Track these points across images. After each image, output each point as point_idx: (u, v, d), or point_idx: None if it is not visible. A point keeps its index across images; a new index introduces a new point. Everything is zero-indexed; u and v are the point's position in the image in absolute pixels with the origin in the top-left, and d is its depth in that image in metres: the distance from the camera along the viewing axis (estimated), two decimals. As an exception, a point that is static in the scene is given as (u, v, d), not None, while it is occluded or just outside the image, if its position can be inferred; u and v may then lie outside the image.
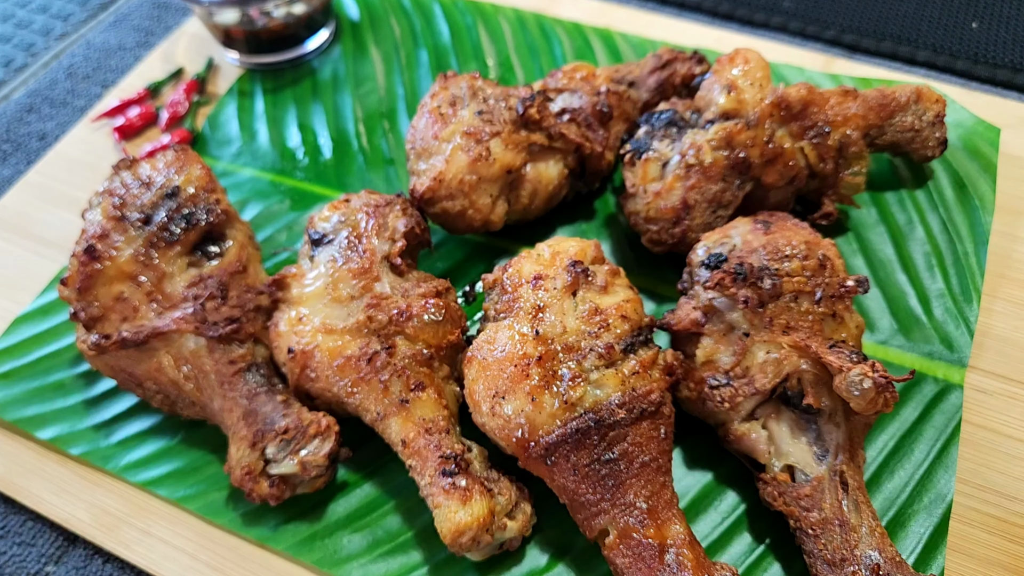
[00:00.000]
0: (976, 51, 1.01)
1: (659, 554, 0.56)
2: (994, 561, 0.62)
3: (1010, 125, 0.89)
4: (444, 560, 0.63)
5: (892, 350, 0.73)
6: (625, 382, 0.58)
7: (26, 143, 1.00)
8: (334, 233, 0.68)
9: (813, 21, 1.07)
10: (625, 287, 0.63)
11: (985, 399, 0.70)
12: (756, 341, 0.61)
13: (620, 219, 0.85)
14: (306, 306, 0.65)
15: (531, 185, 0.76)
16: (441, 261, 0.83)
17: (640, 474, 0.57)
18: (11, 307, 0.82)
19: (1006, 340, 0.73)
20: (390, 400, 0.62)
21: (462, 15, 1.07)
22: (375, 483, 0.68)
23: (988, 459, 0.67)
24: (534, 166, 0.76)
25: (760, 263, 0.61)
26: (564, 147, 0.77)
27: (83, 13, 1.18)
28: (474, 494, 0.58)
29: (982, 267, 0.77)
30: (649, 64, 0.84)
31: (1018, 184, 0.84)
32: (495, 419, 0.59)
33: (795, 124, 0.73)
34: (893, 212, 0.82)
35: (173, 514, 0.67)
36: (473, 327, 0.77)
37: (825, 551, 0.56)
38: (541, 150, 0.76)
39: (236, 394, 0.65)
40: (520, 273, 0.63)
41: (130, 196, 0.70)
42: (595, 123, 0.78)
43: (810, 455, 0.60)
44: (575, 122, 0.77)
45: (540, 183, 0.77)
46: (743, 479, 0.66)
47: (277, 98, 1.00)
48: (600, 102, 0.79)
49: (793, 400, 0.61)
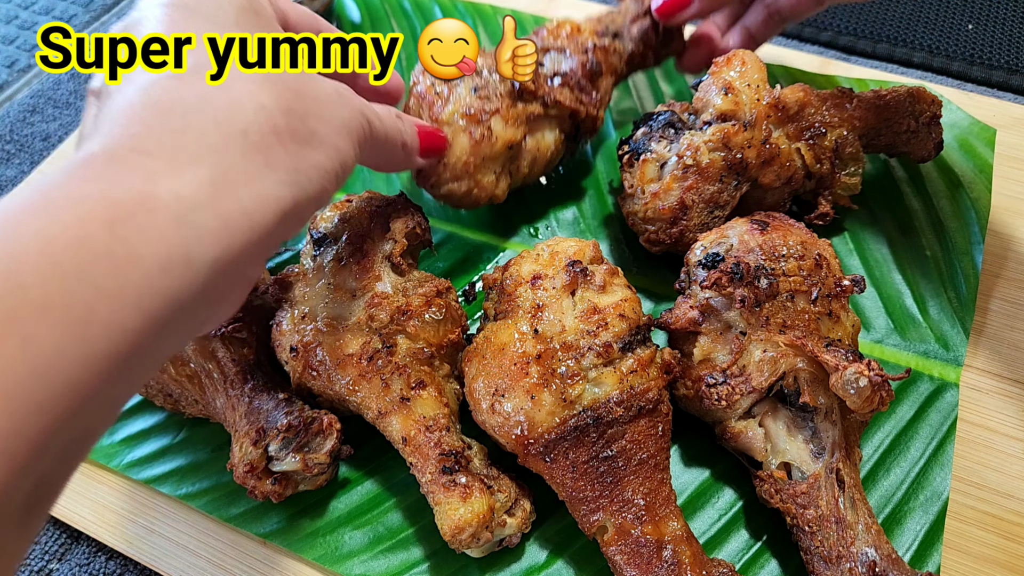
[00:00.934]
0: (972, 53, 1.02)
1: (657, 550, 0.56)
2: (990, 558, 0.62)
3: (1006, 126, 0.89)
4: (444, 556, 0.64)
5: (888, 349, 0.74)
6: (623, 380, 0.59)
7: (30, 144, 1.01)
8: (336, 233, 0.69)
9: (810, 23, 1.07)
10: (623, 286, 0.64)
11: (981, 397, 0.70)
12: (753, 340, 0.61)
13: (618, 219, 0.86)
14: (308, 305, 0.66)
15: (530, 155, 0.77)
16: (441, 261, 0.84)
17: (638, 471, 0.58)
18: (15, 307, 0.83)
19: (1002, 339, 0.74)
20: (391, 398, 0.63)
21: (462, 16, 1.07)
22: (376, 480, 0.69)
23: (984, 457, 0.67)
24: (532, 136, 0.77)
25: (757, 263, 0.62)
26: (559, 113, 0.77)
27: (86, 15, 1.19)
28: (474, 491, 0.59)
29: (978, 267, 0.77)
30: (631, 11, 0.83)
31: (1014, 184, 0.85)
32: (495, 417, 0.59)
33: (792, 125, 0.74)
34: (889, 212, 0.83)
35: (176, 511, 0.68)
36: (473, 326, 0.77)
37: (822, 548, 0.57)
38: (537, 119, 0.77)
39: (239, 392, 0.65)
40: (519, 273, 0.64)
41: None
42: (587, 84, 0.78)
43: (806, 453, 0.60)
44: (568, 86, 0.77)
45: (539, 152, 0.77)
46: (740, 476, 0.67)
47: (279, 100, 1.01)
48: (589, 60, 0.78)
49: (789, 398, 0.61)
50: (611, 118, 0.94)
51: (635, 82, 0.98)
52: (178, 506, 0.68)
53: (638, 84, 0.98)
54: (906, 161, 0.86)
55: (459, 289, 0.79)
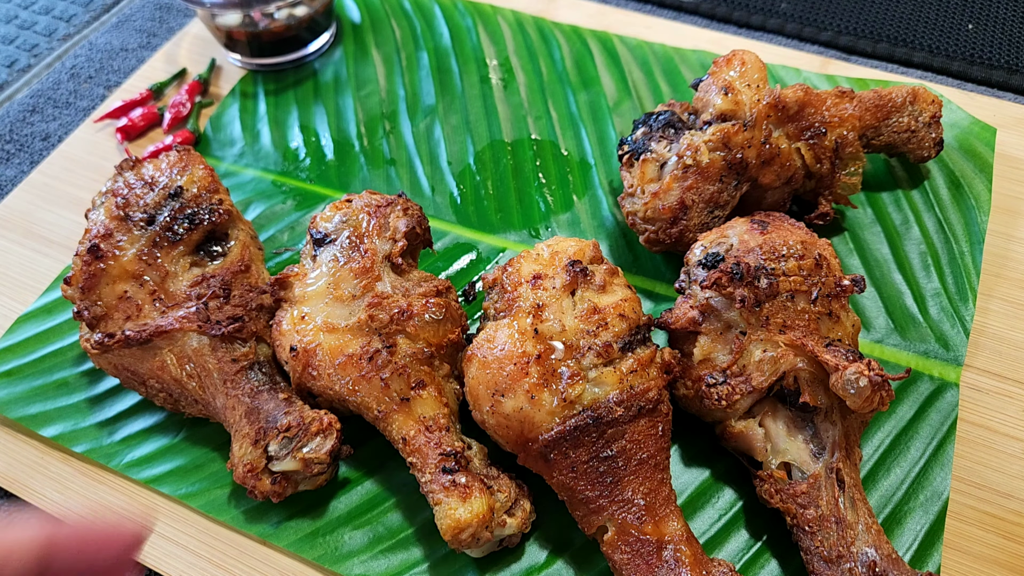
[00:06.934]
0: (972, 52, 1.02)
1: (657, 550, 0.56)
2: (990, 558, 0.62)
3: (1006, 125, 0.89)
4: (444, 556, 0.64)
5: (888, 349, 0.74)
6: (623, 380, 0.59)
7: (29, 144, 1.01)
8: (336, 233, 0.69)
9: (810, 23, 1.07)
10: (623, 286, 0.64)
11: (981, 397, 0.70)
12: (753, 340, 0.61)
13: (618, 219, 0.85)
14: (308, 305, 0.66)
15: None
16: (441, 261, 0.84)
17: (638, 471, 0.58)
18: (16, 307, 0.83)
19: (1002, 339, 0.74)
20: (391, 398, 0.62)
21: (462, 17, 1.07)
22: (376, 480, 0.69)
23: (984, 457, 0.67)
24: None
25: (757, 263, 0.62)
26: None
27: (86, 15, 1.19)
28: (474, 491, 0.59)
29: (978, 266, 0.77)
30: None
31: (1014, 184, 0.85)
32: (495, 416, 0.59)
33: (792, 125, 0.74)
34: (889, 212, 0.83)
35: (176, 511, 0.68)
36: (473, 326, 0.77)
37: (822, 548, 0.57)
38: None
39: (239, 392, 0.65)
40: (519, 272, 0.64)
41: (133, 196, 0.71)
42: None
43: (806, 453, 0.60)
44: None
45: None
46: (740, 476, 0.67)
47: (279, 99, 1.01)
48: None
49: (790, 398, 0.61)
50: (611, 118, 0.94)
51: (634, 81, 0.98)
52: (178, 506, 0.68)
53: (638, 84, 0.98)
54: (906, 161, 0.86)
55: (459, 289, 0.79)
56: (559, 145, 0.93)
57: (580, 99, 0.97)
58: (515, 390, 0.58)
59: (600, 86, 0.98)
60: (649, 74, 0.98)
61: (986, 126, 0.87)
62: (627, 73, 0.99)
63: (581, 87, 0.98)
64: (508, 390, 0.59)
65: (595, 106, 0.96)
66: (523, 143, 0.93)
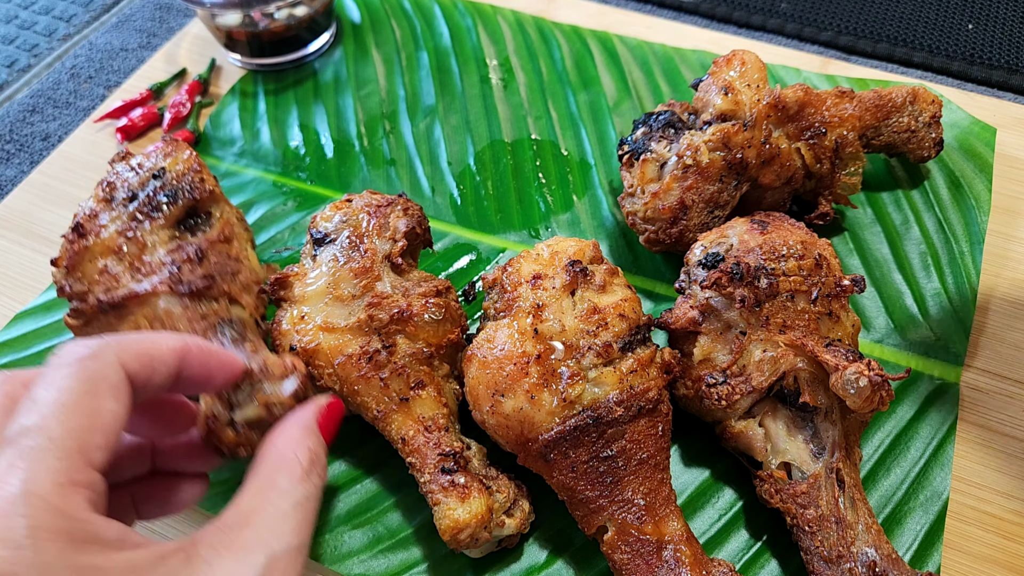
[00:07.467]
0: (972, 52, 1.02)
1: (657, 550, 0.56)
2: (990, 558, 0.62)
3: (1006, 125, 0.89)
4: (443, 556, 0.64)
5: (888, 349, 0.74)
6: (623, 380, 0.59)
7: (29, 144, 1.01)
8: (336, 233, 0.69)
9: (810, 23, 1.07)
10: (623, 286, 0.64)
11: (981, 397, 0.70)
12: (753, 340, 0.61)
13: (618, 219, 0.86)
14: (308, 305, 0.66)
15: None
16: (441, 261, 0.84)
17: (638, 471, 0.58)
18: (15, 307, 0.83)
19: (1002, 339, 0.74)
20: (390, 398, 0.62)
21: (462, 17, 1.08)
22: (376, 480, 0.69)
23: (984, 457, 0.67)
24: None
25: (757, 262, 0.62)
26: None
27: (86, 15, 1.19)
28: (472, 491, 0.59)
29: (978, 266, 0.77)
30: None
31: (1014, 184, 0.85)
32: (494, 416, 0.59)
33: (792, 125, 0.74)
34: (889, 212, 0.83)
35: (176, 511, 0.68)
36: (473, 326, 0.77)
37: (822, 548, 0.57)
38: None
39: None
40: (519, 272, 0.64)
41: (119, 180, 0.70)
42: None
43: (806, 453, 0.60)
44: None
45: None
46: (740, 476, 0.67)
47: (279, 99, 1.01)
48: None
49: (789, 398, 0.61)
50: (611, 118, 0.94)
51: (634, 81, 0.98)
52: (178, 506, 0.68)
53: (638, 84, 0.98)
54: (906, 161, 0.86)
55: (459, 289, 0.79)
56: (559, 145, 0.93)
57: (580, 99, 0.97)
58: (515, 390, 0.58)
59: (600, 86, 0.98)
60: (649, 74, 0.98)
61: (986, 126, 0.87)
62: (627, 73, 0.99)
63: (581, 87, 0.98)
64: (508, 390, 0.59)
65: (595, 106, 0.96)
66: (523, 143, 0.93)
